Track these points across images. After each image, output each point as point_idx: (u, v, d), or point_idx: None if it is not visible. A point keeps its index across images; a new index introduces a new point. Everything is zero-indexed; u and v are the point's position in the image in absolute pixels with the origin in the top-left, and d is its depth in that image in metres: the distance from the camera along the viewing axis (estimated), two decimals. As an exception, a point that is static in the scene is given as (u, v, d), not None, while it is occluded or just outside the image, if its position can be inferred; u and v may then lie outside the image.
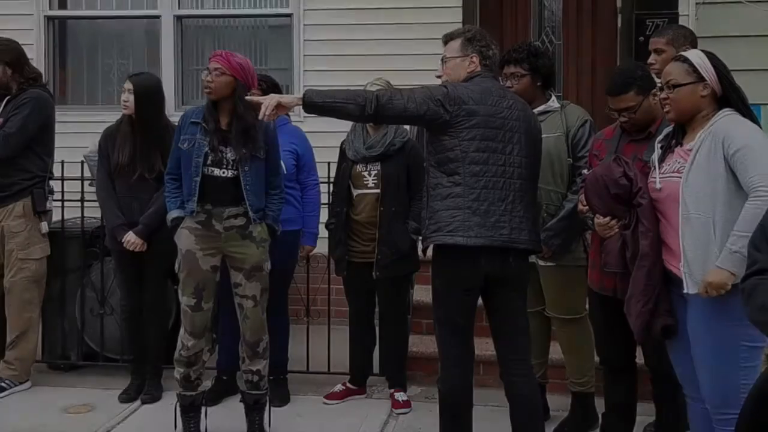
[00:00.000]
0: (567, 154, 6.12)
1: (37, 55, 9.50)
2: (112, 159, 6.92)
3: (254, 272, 6.01)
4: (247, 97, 5.64)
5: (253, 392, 6.16)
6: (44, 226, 7.23)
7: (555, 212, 6.08)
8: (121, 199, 6.94)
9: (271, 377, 6.49)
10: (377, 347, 7.24)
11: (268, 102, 5.05)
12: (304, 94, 5.05)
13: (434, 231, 5.13)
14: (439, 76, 5.54)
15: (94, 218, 7.68)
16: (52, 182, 7.34)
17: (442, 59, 5.52)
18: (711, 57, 4.68)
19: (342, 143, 7.05)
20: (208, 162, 5.88)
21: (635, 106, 5.32)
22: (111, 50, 10.11)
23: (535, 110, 5.93)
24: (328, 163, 7.23)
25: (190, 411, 6.12)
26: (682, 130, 4.75)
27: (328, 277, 7.65)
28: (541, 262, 6.16)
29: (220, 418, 6.56)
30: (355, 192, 6.89)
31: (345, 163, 6.95)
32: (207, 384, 6.55)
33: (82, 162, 7.74)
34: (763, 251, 2.46)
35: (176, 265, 6.07)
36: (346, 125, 6.87)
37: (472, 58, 5.37)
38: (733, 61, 4.98)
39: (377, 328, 7.18)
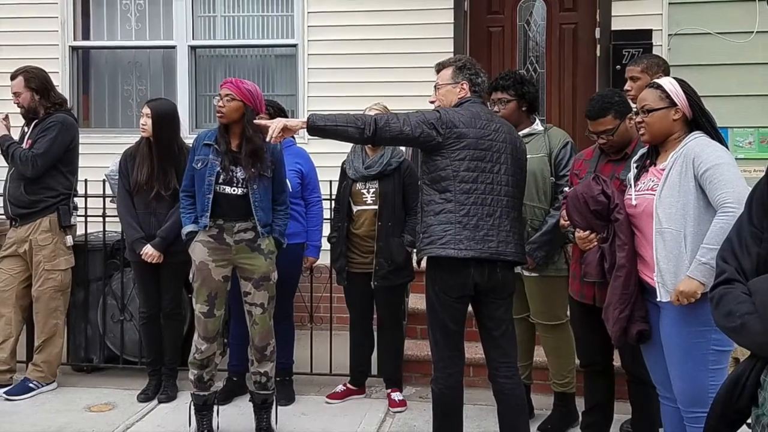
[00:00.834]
0: (550, 173, 6.12)
1: (62, 82, 9.54)
2: (131, 178, 6.93)
3: (262, 282, 6.01)
4: (256, 121, 5.64)
5: (261, 392, 6.15)
6: (69, 240, 7.23)
7: (539, 227, 6.08)
8: (139, 214, 6.94)
9: (277, 378, 6.47)
10: (375, 351, 7.22)
11: (275, 125, 5.06)
12: (308, 118, 5.05)
13: (428, 244, 5.14)
14: (432, 102, 5.54)
15: (115, 232, 7.67)
16: (76, 199, 7.34)
17: (435, 86, 5.53)
18: (682, 84, 4.70)
19: (343, 163, 7.05)
20: (220, 180, 5.88)
21: (613, 129, 5.33)
22: (130, 78, 10.10)
23: (521, 133, 5.92)
24: (330, 182, 7.23)
25: (203, 409, 6.11)
26: (655, 151, 4.77)
27: (330, 286, 7.64)
28: (526, 273, 6.17)
29: (231, 416, 6.57)
30: (355, 208, 6.88)
31: (345, 181, 6.94)
32: (219, 384, 6.51)
33: (104, 180, 7.77)
34: (730, 263, 2.47)
35: (190, 275, 6.06)
36: (347, 146, 6.88)
37: (462, 85, 5.39)
38: (702, 87, 5.01)
39: (375, 333, 7.16)
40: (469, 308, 5.33)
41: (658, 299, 4.56)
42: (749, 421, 2.44)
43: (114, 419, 6.59)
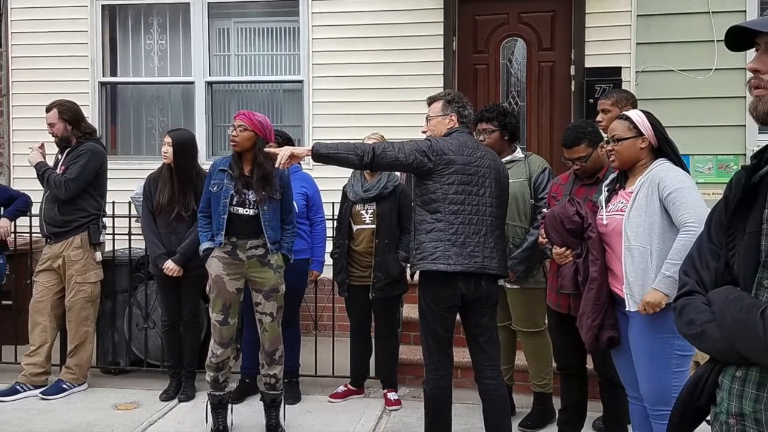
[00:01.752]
0: (530, 195, 6.13)
1: (92, 113, 9.54)
2: (154, 200, 6.94)
3: (272, 293, 6.01)
4: (266, 149, 5.68)
5: (271, 392, 6.13)
6: (98, 256, 7.24)
7: (519, 244, 6.08)
8: (161, 233, 6.95)
9: (285, 380, 6.47)
10: (373, 355, 7.21)
11: (283, 153, 5.09)
12: (313, 147, 5.07)
13: (420, 259, 5.15)
14: (424, 132, 5.56)
15: (139, 249, 7.64)
16: (104, 219, 7.34)
17: (426, 117, 5.56)
18: (648, 116, 4.73)
19: (344, 187, 7.05)
20: (234, 202, 5.88)
21: (586, 156, 5.33)
22: (153, 110, 10.11)
23: (504, 159, 5.94)
24: (333, 203, 7.24)
25: (219, 408, 6.10)
26: (624, 175, 4.78)
27: (333, 297, 7.65)
28: (508, 285, 6.16)
29: (244, 414, 6.56)
30: (355, 227, 6.88)
31: (346, 203, 6.94)
32: (232, 385, 6.51)
33: (130, 202, 7.74)
34: (692, 276, 2.48)
35: (207, 287, 6.06)
36: (348, 172, 6.89)
37: (451, 116, 5.41)
38: (666, 119, 5.02)
39: (373, 340, 7.15)
40: (457, 317, 5.35)
41: (627, 309, 4.57)
42: (708, 418, 2.44)
43: (139, 417, 6.58)
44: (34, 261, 7.95)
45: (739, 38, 2.29)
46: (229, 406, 6.24)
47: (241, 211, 5.91)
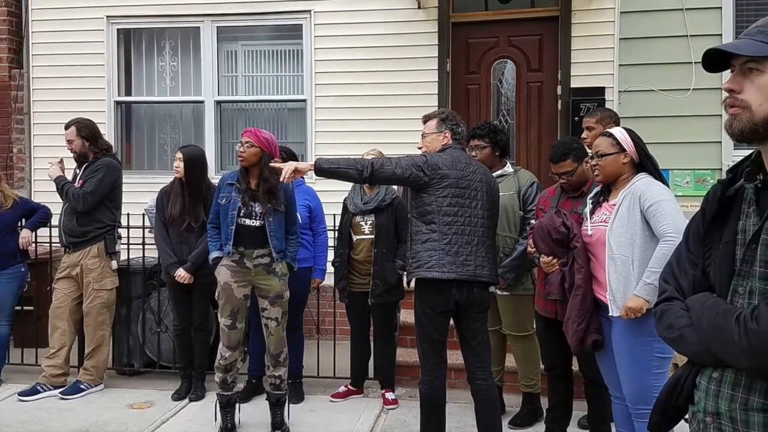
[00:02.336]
0: (519, 208, 6.13)
1: (108, 130, 9.53)
2: (166, 212, 6.94)
3: (277, 299, 6.01)
4: (271, 164, 5.69)
5: (276, 392, 6.13)
6: (114, 264, 7.24)
7: (509, 253, 6.08)
8: (173, 243, 6.96)
9: (289, 381, 6.47)
10: (372, 357, 7.21)
11: (287, 168, 5.08)
12: (315, 162, 5.06)
13: (416, 267, 5.15)
14: (420, 148, 5.57)
15: (153, 258, 7.68)
16: (120, 230, 7.33)
17: (422, 134, 5.56)
18: (630, 133, 4.74)
19: (344, 200, 7.05)
20: (241, 214, 5.89)
21: (572, 171, 5.35)
22: (165, 127, 10.11)
23: (494, 174, 5.93)
24: (334, 215, 7.24)
25: (227, 407, 6.09)
26: (608, 189, 4.79)
27: (334, 303, 7.69)
28: (498, 292, 6.16)
29: (251, 412, 6.55)
30: (355, 237, 6.88)
31: (347, 215, 6.94)
32: (240, 386, 6.47)
33: (143, 214, 7.76)
34: (671, 283, 2.48)
35: (216, 294, 6.06)
36: (348, 185, 6.90)
37: (445, 133, 5.42)
38: (647, 136, 5.03)
39: (372, 343, 7.16)
40: (451, 322, 5.35)
41: (610, 314, 4.58)
42: (687, 416, 2.44)
43: (152, 415, 6.58)
44: (53, 269, 7.97)
45: (715, 60, 2.30)
46: (237, 405, 6.24)
47: (248, 222, 5.92)
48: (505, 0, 9.01)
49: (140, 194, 8.69)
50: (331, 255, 7.23)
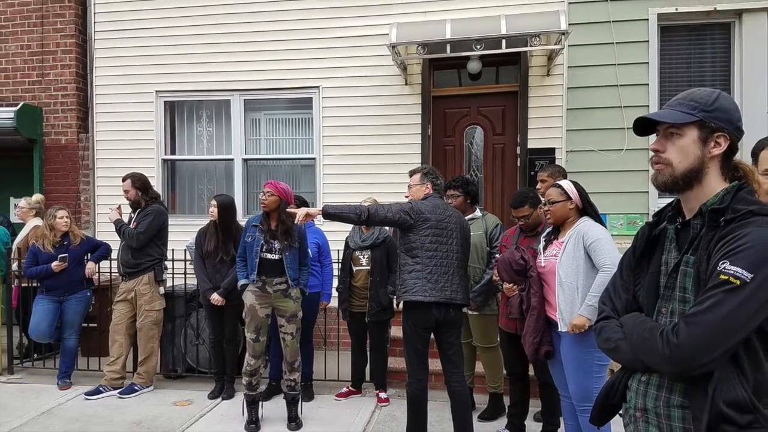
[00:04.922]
0: (486, 244, 6.15)
1: (157, 182, 9.57)
2: (203, 248, 6.96)
3: (292, 318, 6.01)
4: (288, 209, 5.69)
5: (291, 392, 6.10)
6: (161, 289, 7.23)
7: (479, 281, 6.09)
8: (209, 272, 6.94)
9: (302, 383, 6.49)
10: (368, 364, 7.18)
11: (300, 212, 5.12)
12: (323, 208, 5.10)
13: (404, 292, 5.16)
14: (406, 196, 5.58)
15: (192, 284, 7.67)
16: (166, 262, 7.35)
17: (408, 186, 5.57)
18: (575, 184, 4.78)
19: (346, 238, 7.04)
20: (263, 250, 5.93)
21: (529, 215, 5.39)
22: (203, 180, 10.10)
23: (467, 217, 5.98)
24: (338, 250, 7.25)
25: (252, 404, 6.06)
26: (557, 229, 4.81)
27: (338, 321, 7.65)
28: (470, 312, 6.16)
29: (271, 408, 6.53)
30: (355, 268, 6.87)
31: (348, 250, 6.94)
32: (262, 387, 6.46)
33: (185, 250, 7.78)
34: (608, 305, 2.49)
35: (243, 314, 6.08)
36: (349, 227, 6.94)
37: (427, 185, 5.44)
38: (589, 186, 5.08)
39: (368, 353, 7.13)
40: (432, 336, 5.35)
41: (560, 330, 4.58)
42: (621, 412, 2.45)
43: (192, 410, 6.55)
44: (113, 293, 7.94)
45: (643, 126, 2.33)
46: (260, 403, 6.23)
47: (269, 256, 5.95)
48: (475, 77, 9.06)
49: (182, 234, 8.73)
50: (335, 282, 7.24)
